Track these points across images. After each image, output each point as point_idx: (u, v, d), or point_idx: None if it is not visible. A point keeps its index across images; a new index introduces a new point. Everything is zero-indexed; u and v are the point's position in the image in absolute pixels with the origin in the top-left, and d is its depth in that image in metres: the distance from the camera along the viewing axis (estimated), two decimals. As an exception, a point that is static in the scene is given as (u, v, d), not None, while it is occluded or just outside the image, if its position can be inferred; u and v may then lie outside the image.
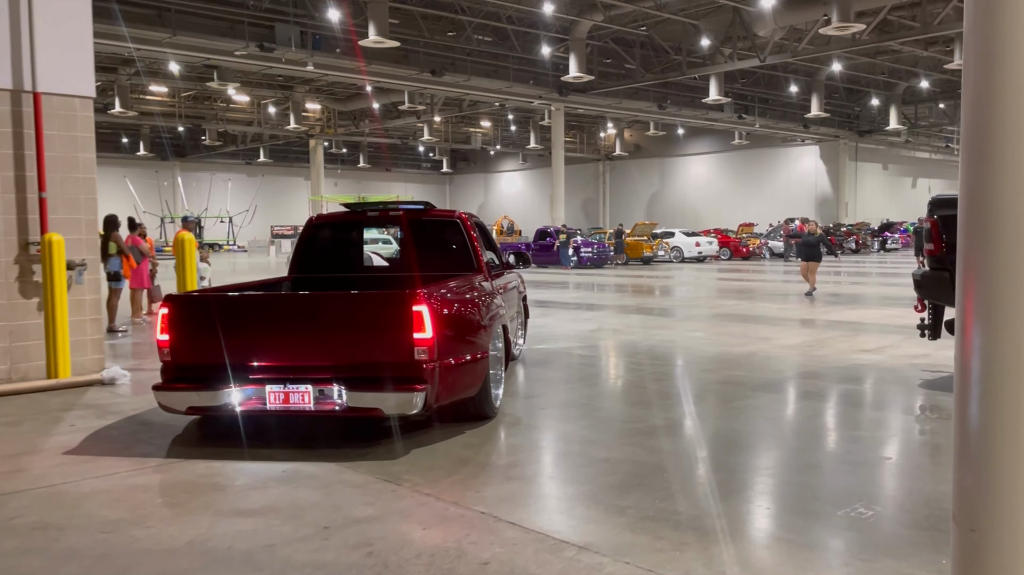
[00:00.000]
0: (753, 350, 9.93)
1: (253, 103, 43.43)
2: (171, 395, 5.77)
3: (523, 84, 35.28)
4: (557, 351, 10.01)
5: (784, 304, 15.66)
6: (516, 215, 55.65)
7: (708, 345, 10.44)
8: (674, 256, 32.21)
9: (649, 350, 10.05)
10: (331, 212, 8.56)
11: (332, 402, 5.54)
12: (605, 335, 11.52)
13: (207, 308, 5.92)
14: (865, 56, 37.45)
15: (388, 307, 5.58)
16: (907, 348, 9.95)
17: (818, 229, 17.84)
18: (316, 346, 5.65)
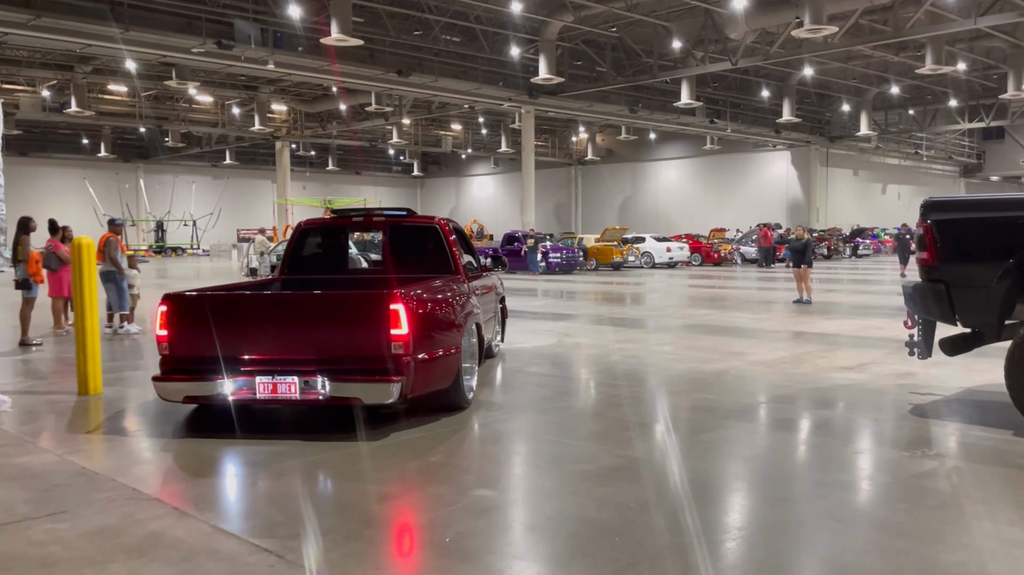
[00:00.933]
0: (725, 367, 9.01)
1: (217, 104, 42.09)
2: (168, 386, 6.22)
3: (492, 86, 34.35)
4: (510, 370, 9.02)
5: (757, 314, 14.80)
6: (488, 219, 54.69)
7: (676, 361, 9.51)
8: (645, 262, 31.35)
9: (611, 368, 9.10)
10: (318, 218, 9.04)
11: (316, 392, 5.99)
12: (566, 350, 10.56)
13: (202, 306, 6.34)
14: (836, 61, 36.95)
15: (368, 305, 6.06)
16: (891, 365, 9.08)
17: (805, 234, 17.12)
18: (302, 341, 6.10)
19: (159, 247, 46.54)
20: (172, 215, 47.35)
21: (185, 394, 6.21)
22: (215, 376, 6.06)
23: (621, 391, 7.77)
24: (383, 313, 5.94)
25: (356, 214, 9.10)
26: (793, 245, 16.95)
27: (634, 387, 7.96)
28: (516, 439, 6.10)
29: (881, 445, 5.91)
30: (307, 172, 55.52)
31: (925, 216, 6.50)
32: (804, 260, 16.41)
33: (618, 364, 9.31)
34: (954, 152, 56.72)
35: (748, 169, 50.01)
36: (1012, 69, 35.50)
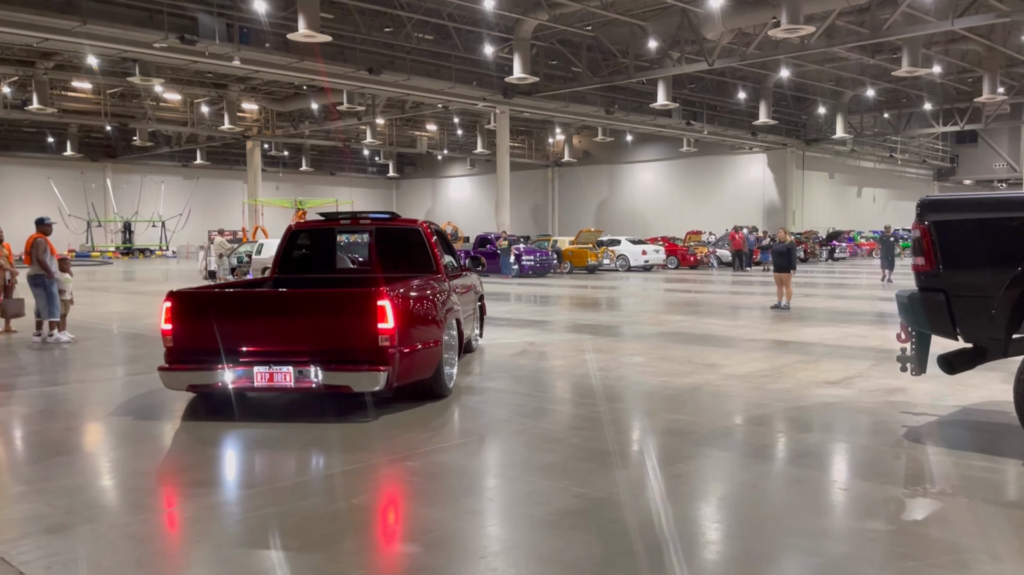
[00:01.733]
0: (699, 382, 8.22)
1: (185, 102, 40.89)
2: (173, 375, 6.63)
3: (466, 85, 33.48)
4: (466, 387, 8.17)
5: (733, 320, 14.04)
6: (464, 221, 53.78)
7: (647, 374, 8.70)
8: (620, 265, 30.59)
9: (577, 383, 8.27)
10: (308, 220, 9.53)
11: (309, 380, 6.40)
12: (529, 361, 9.72)
13: (204, 302, 6.91)
14: (813, 63, 36.47)
15: (357, 302, 6.50)
16: (878, 379, 8.32)
17: (788, 236, 16.19)
18: (296, 334, 6.51)
19: (126, 248, 45.21)
20: (140, 216, 45.96)
21: (189, 383, 6.68)
22: (216, 366, 6.47)
23: (585, 411, 6.95)
24: (371, 308, 6.38)
25: (344, 217, 9.38)
26: (776, 248, 16.10)
27: (600, 407, 7.14)
28: (455, 476, 5.25)
29: (876, 480, 5.11)
30: (280, 173, 54.37)
31: (922, 216, 5.73)
32: (789, 264, 15.58)
33: (585, 378, 8.49)
34: (928, 156, 56.57)
35: (724, 171, 49.49)
36: (987, 72, 35.16)
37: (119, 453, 5.86)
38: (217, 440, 6.16)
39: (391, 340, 6.38)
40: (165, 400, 7.35)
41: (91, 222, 44.63)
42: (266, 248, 20.79)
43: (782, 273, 15.67)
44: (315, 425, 6.54)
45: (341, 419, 6.64)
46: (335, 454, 5.74)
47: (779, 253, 15.77)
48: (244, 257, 21.17)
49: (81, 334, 11.92)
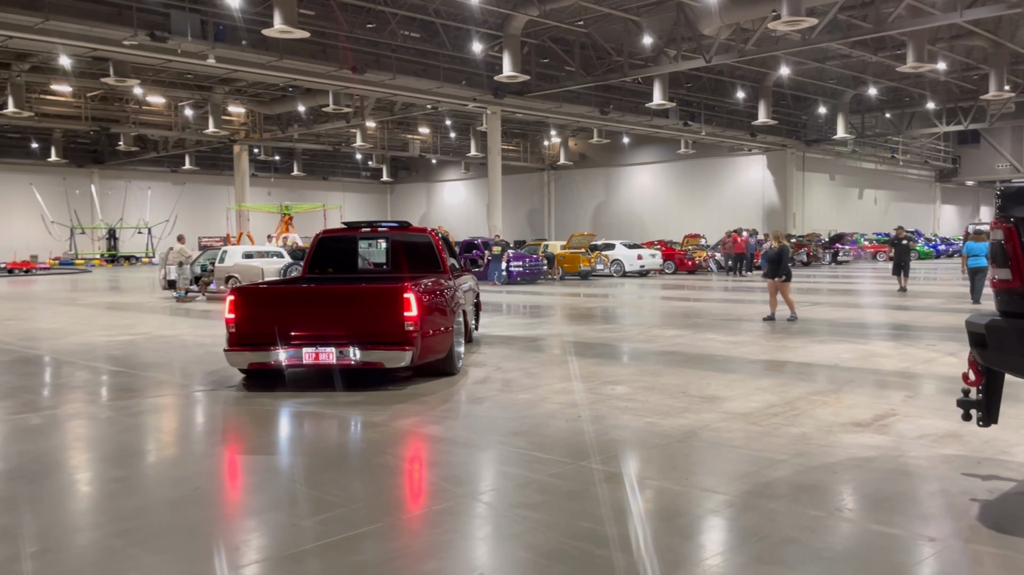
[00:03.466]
0: (694, 425, 6.43)
1: (169, 105, 39.18)
2: (236, 355, 7.96)
3: (455, 85, 31.75)
4: (399, 431, 6.40)
5: (734, 335, 12.24)
6: (459, 225, 52.05)
7: (631, 412, 6.92)
8: (614, 270, 28.77)
9: (539, 427, 6.49)
10: (334, 228, 10.45)
11: (349, 359, 7.76)
12: (491, 393, 7.93)
13: (260, 296, 8.51)
14: (813, 60, 34.72)
15: (387, 295, 7.91)
16: (918, 418, 6.54)
17: (778, 242, 14.07)
18: (338, 321, 7.84)
19: (111, 256, 43.46)
20: (125, 222, 44.20)
21: (250, 361, 7.91)
22: (272, 347, 7.71)
23: (541, 477, 5.16)
24: (399, 300, 7.66)
25: (364, 225, 10.28)
26: (767, 254, 14.29)
27: (562, 467, 5.35)
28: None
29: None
30: (272, 178, 52.68)
31: (1007, 211, 3.95)
32: (780, 271, 13.74)
33: (550, 419, 6.71)
34: (930, 156, 54.75)
35: (723, 173, 47.69)
36: (993, 69, 33.37)
37: None
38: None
39: (415, 325, 7.71)
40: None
41: (74, 229, 42.89)
42: (229, 256, 19.03)
43: (773, 280, 13.92)
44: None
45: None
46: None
47: (770, 259, 14.04)
48: (208, 265, 19.39)
49: None
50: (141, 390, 8.39)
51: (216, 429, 6.91)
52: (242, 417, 7.21)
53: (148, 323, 14.57)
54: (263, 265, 18.45)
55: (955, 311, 15.27)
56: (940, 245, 45.65)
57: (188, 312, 16.86)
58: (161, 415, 7.33)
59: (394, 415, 6.92)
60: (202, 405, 7.75)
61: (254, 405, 7.53)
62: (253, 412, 7.28)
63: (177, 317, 15.84)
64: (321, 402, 7.57)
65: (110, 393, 8.37)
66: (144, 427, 6.82)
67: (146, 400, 7.89)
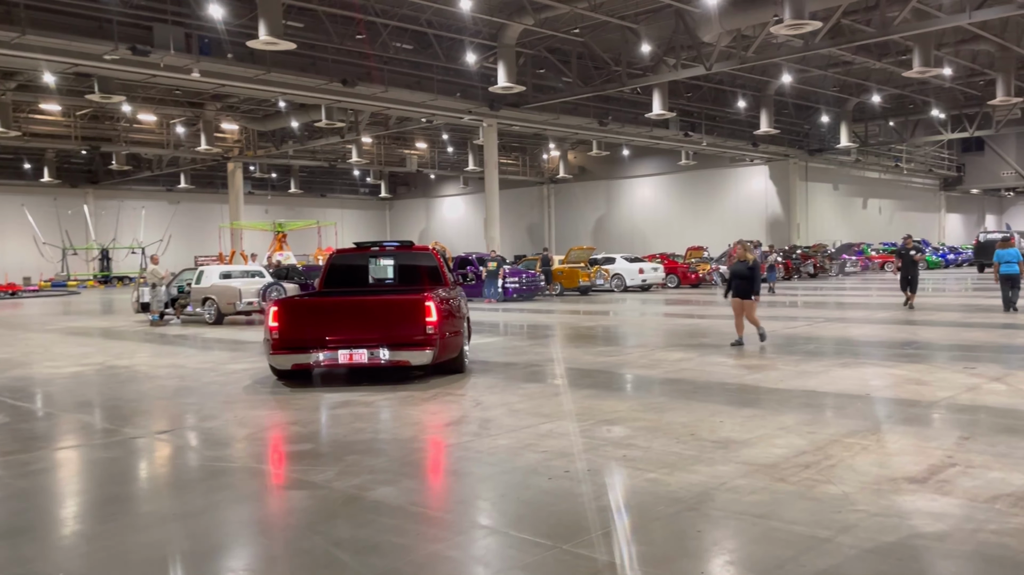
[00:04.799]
0: (706, 483, 5.14)
1: (161, 123, 38.14)
2: (280, 358, 8.95)
3: (449, 97, 30.62)
4: (338, 494, 5.12)
5: (746, 358, 10.93)
6: (458, 240, 50.90)
7: (628, 465, 5.63)
8: (615, 285, 27.45)
9: (515, 488, 5.19)
10: (347, 247, 11.48)
11: (379, 359, 8.82)
12: (463, 437, 6.64)
13: (301, 306, 9.49)
14: (816, 68, 33.52)
15: (411, 303, 8.95)
16: (984, 471, 5.24)
17: (750, 254, 12.13)
18: (369, 326, 8.87)
19: (104, 277, 42.27)
20: (119, 242, 43.04)
21: (293, 363, 8.97)
22: (312, 350, 8.83)
23: (510, 572, 3.87)
24: (421, 307, 8.87)
25: (373, 245, 11.13)
26: (735, 269, 12.09)
27: (538, 554, 4.06)
28: None
29: None
30: (268, 195, 51.59)
31: None
32: (754, 289, 11.80)
33: (531, 479, 5.41)
34: (934, 165, 53.48)
35: (725, 185, 46.45)
36: (1001, 73, 32.17)
37: None
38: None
39: (435, 328, 8.72)
40: None
41: (65, 250, 41.72)
42: (206, 276, 17.79)
43: (743, 299, 11.91)
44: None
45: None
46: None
47: (739, 275, 11.95)
48: (184, 286, 18.15)
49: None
50: (53, 438, 7.10)
51: (118, 496, 5.61)
52: (160, 479, 5.93)
53: (108, 351, 13.31)
54: (242, 285, 17.20)
55: (984, 326, 13.95)
56: (949, 254, 44.29)
57: (159, 338, 15.61)
58: (59, 474, 6.05)
59: (341, 473, 5.64)
60: (120, 461, 6.45)
61: (181, 457, 6.27)
62: (178, 467, 6.01)
63: (144, 343, 14.58)
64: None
65: (14, 443, 6.94)
66: (32, 492, 5.54)
67: (52, 453, 6.60)
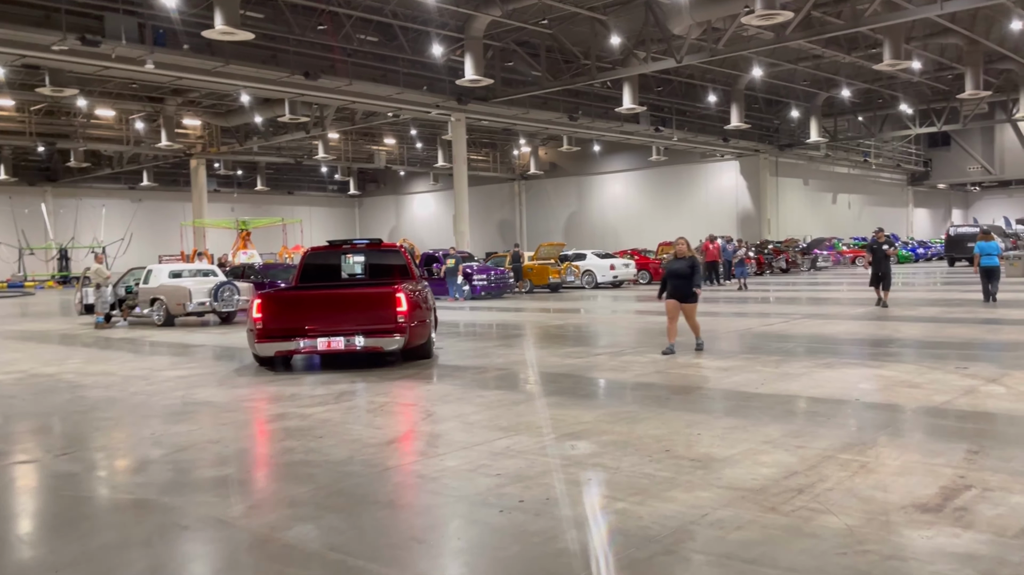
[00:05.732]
0: (685, 514, 4.31)
1: (120, 118, 36.71)
2: (265, 346, 9.65)
3: (416, 91, 29.61)
4: (245, 535, 4.21)
5: (723, 358, 10.14)
6: (429, 238, 49.86)
7: (594, 491, 4.79)
8: (586, 281, 26.66)
9: (459, 525, 4.33)
10: (320, 245, 12.20)
11: (354, 345, 9.56)
12: (406, 458, 5.76)
13: (283, 299, 10.17)
14: (786, 62, 33.01)
15: (384, 294, 9.73)
16: (1005, 494, 4.47)
17: (691, 250, 10.65)
18: (345, 316, 9.63)
19: (63, 277, 40.69)
20: (78, 241, 41.49)
21: (276, 350, 9.67)
22: (294, 339, 9.53)
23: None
24: (394, 298, 9.59)
25: (345, 243, 11.82)
26: (673, 267, 10.39)
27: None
28: None
29: None
30: (235, 193, 50.15)
31: None
32: (690, 290, 10.27)
33: (479, 511, 4.54)
34: (902, 160, 53.40)
35: (696, 180, 45.90)
36: (969, 67, 31.84)
37: None
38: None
39: (405, 317, 9.57)
40: None
41: (23, 250, 40.09)
42: (154, 275, 16.69)
43: (684, 303, 10.31)
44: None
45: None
46: None
47: (677, 274, 10.31)
48: (132, 286, 17.02)
49: None
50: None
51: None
52: (31, 517, 4.99)
53: (39, 357, 12.23)
54: (192, 285, 16.12)
55: (966, 321, 13.32)
56: (918, 249, 44.11)
57: (100, 342, 14.53)
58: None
59: (256, 506, 4.74)
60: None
61: (69, 488, 5.32)
62: (60, 501, 5.06)
63: (80, 348, 13.51)
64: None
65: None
66: None
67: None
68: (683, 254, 10.44)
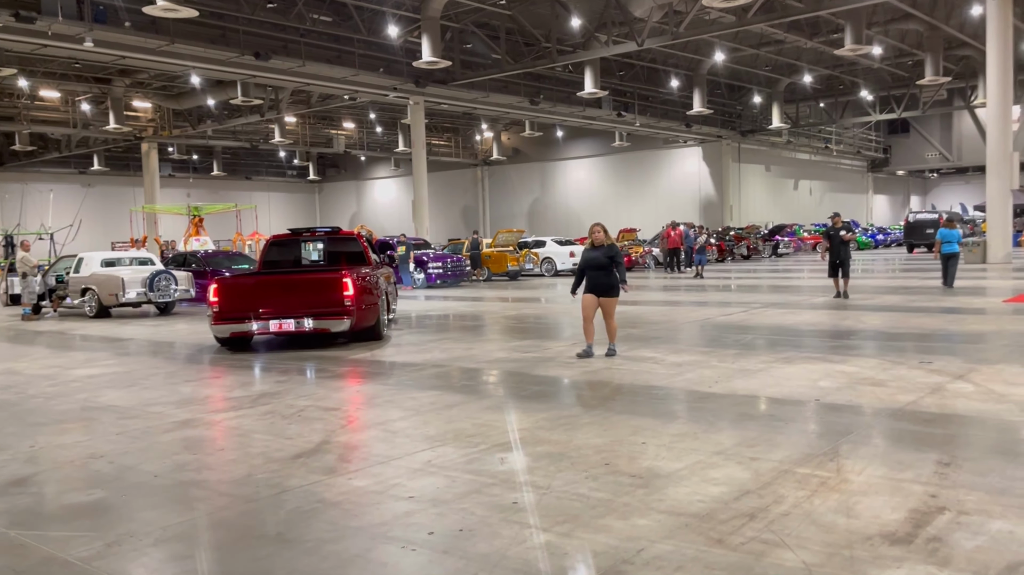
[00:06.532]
0: (620, 551, 3.64)
1: (66, 100, 35.14)
2: (221, 327, 10.33)
3: (372, 72, 28.62)
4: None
5: (676, 352, 9.53)
6: (391, 224, 48.79)
7: (516, 520, 4.11)
8: (546, 269, 25.99)
9: (355, 567, 3.62)
10: (281, 233, 12.93)
11: (304, 327, 10.25)
12: (311, 474, 5.02)
13: (238, 283, 10.93)
14: (748, 46, 32.52)
15: (331, 279, 10.33)
16: (985, 519, 3.88)
17: (609, 236, 9.26)
18: (295, 299, 10.27)
19: (11, 265, 38.90)
20: (24, 228, 39.70)
21: (231, 331, 10.34)
22: (247, 321, 10.20)
23: None
24: (340, 283, 10.20)
25: (306, 231, 12.77)
26: (590, 257, 9.05)
27: None
28: None
29: None
30: (191, 178, 48.59)
31: None
32: (611, 284, 8.97)
33: (380, 547, 3.83)
34: (862, 147, 53.48)
35: (659, 167, 45.42)
36: (929, 53, 31.66)
37: None
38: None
39: (351, 301, 10.20)
40: None
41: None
42: (86, 264, 15.67)
43: (602, 297, 8.99)
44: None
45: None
46: None
47: (596, 265, 8.98)
48: (64, 275, 15.97)
49: None
50: None
51: None
52: None
53: (-50, 353, 11.26)
54: (126, 274, 15.14)
55: (928, 311, 12.88)
56: (877, 235, 44.16)
57: (20, 336, 13.53)
58: None
59: (115, 542, 3.99)
60: None
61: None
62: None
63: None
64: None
65: None
66: None
67: None
68: (600, 242, 9.11)
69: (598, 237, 9.18)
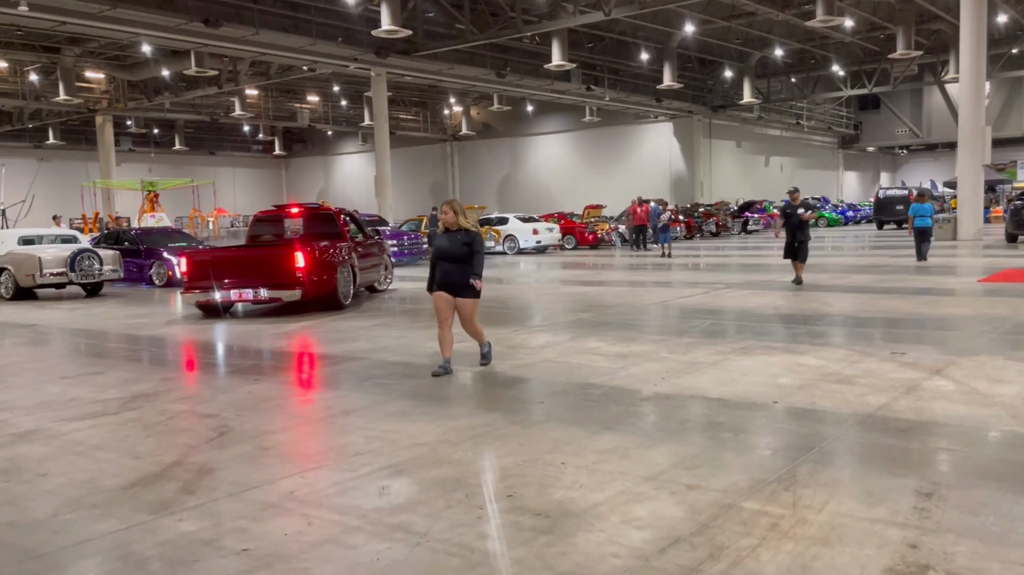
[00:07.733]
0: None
1: (13, 70, 33.27)
2: (189, 295, 11.44)
3: (331, 42, 27.13)
4: None
5: (627, 341, 8.51)
6: (359, 200, 47.26)
7: (420, 568, 3.06)
8: (508, 247, 24.88)
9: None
10: (267, 210, 14.18)
11: (260, 296, 11.21)
12: (136, 519, 3.95)
13: (204, 258, 11.87)
14: (719, 18, 31.35)
15: (285, 253, 11.29)
16: (958, 561, 2.87)
17: (468, 221, 6.98)
18: (254, 272, 11.28)
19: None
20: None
21: (197, 299, 11.45)
22: (211, 290, 11.21)
23: None
24: (292, 256, 11.14)
25: (288, 207, 13.62)
26: (442, 246, 6.93)
27: None
28: None
29: None
30: (152, 153, 46.78)
31: None
32: (465, 280, 6.84)
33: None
34: (833, 123, 52.67)
35: (630, 142, 44.31)
36: (901, 26, 30.74)
37: None
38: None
39: (303, 273, 11.07)
40: None
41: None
42: (2, 242, 14.36)
43: (458, 297, 6.91)
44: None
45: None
46: None
47: (450, 256, 6.86)
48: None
49: None
50: None
51: None
52: None
53: None
54: (45, 254, 13.86)
55: (901, 292, 11.96)
56: (848, 211, 43.47)
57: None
58: None
59: None
60: None
61: None
62: None
63: None
64: None
65: None
66: None
67: None
68: (452, 225, 6.88)
69: (448, 218, 6.88)
